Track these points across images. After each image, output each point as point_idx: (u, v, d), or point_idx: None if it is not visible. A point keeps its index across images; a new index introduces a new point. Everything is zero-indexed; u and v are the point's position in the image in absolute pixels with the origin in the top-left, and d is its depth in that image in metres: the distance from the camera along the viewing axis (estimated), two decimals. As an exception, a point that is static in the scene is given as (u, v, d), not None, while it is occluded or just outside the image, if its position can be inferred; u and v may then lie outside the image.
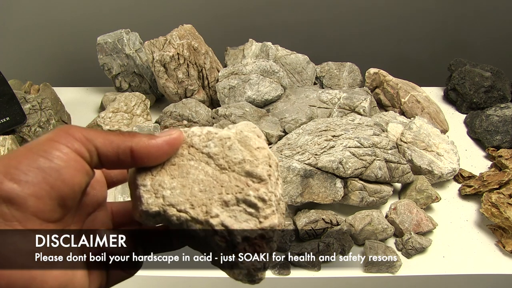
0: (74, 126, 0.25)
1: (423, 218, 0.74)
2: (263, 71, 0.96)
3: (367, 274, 0.69)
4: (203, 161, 0.28)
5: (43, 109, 0.84)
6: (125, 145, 0.26)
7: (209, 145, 0.28)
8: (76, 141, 0.24)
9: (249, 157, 0.28)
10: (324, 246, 0.69)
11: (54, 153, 0.23)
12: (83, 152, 0.24)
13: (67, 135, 0.24)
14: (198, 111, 0.92)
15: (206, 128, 0.29)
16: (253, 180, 0.27)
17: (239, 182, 0.27)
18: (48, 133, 0.24)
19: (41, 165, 0.23)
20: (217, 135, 0.28)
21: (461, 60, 1.13)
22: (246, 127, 0.29)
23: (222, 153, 0.28)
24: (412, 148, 0.85)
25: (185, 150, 0.28)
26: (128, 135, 0.26)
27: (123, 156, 0.26)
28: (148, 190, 0.27)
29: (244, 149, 0.28)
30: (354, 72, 1.09)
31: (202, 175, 0.27)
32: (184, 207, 0.26)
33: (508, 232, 0.73)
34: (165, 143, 0.27)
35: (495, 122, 0.96)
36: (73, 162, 0.24)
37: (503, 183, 0.80)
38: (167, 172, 0.27)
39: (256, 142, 0.28)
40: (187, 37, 0.96)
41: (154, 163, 0.27)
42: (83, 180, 0.25)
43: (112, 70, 1.04)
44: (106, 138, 0.25)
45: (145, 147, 0.26)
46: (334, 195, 0.74)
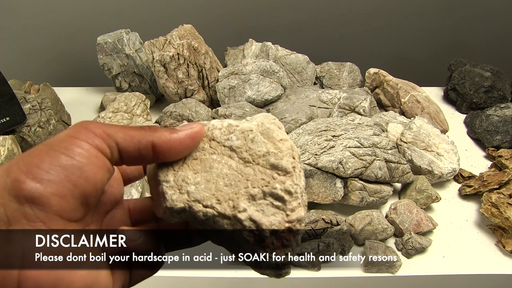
0: (93, 121, 0.25)
1: (423, 218, 0.74)
2: (263, 71, 0.96)
3: (367, 274, 0.69)
4: (225, 154, 0.27)
5: (43, 109, 0.84)
6: (146, 140, 0.25)
7: (231, 138, 0.28)
8: (96, 137, 0.24)
9: (273, 150, 0.27)
10: (324, 246, 0.69)
11: (76, 150, 0.23)
12: (104, 148, 0.24)
13: (87, 131, 0.24)
14: (198, 111, 0.92)
15: (226, 121, 0.28)
16: (279, 173, 0.27)
17: (264, 175, 0.27)
18: (68, 129, 0.24)
19: (63, 163, 0.22)
20: (238, 128, 0.28)
21: (461, 60, 1.13)
22: (266, 119, 0.29)
23: (245, 146, 0.27)
24: (412, 148, 0.85)
25: (206, 143, 0.28)
26: (149, 130, 0.25)
27: (145, 151, 0.25)
28: (172, 186, 0.26)
29: (268, 141, 0.28)
30: (354, 72, 1.09)
31: (226, 169, 0.27)
32: (211, 203, 0.26)
33: (508, 232, 0.73)
34: (187, 137, 0.26)
35: (495, 122, 0.96)
36: (94, 159, 0.23)
37: (503, 183, 0.80)
38: (189, 167, 0.27)
39: (278, 134, 0.28)
40: (187, 37, 0.96)
41: (176, 158, 0.27)
42: (105, 177, 0.24)
43: (112, 70, 1.04)
44: (126, 134, 0.25)
45: (167, 141, 0.25)
46: (334, 195, 0.74)
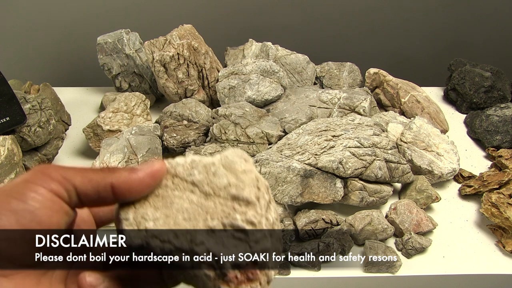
0: (51, 165, 0.24)
1: (423, 218, 0.74)
2: (263, 71, 0.96)
3: (367, 274, 0.69)
4: (187, 190, 0.27)
5: (43, 109, 0.84)
6: (105, 181, 0.25)
7: (193, 173, 0.27)
8: (53, 181, 0.23)
9: (234, 181, 0.26)
10: (324, 246, 0.69)
11: (29, 194, 0.23)
12: (61, 192, 0.24)
13: (43, 175, 0.23)
14: (198, 111, 0.92)
15: (190, 157, 0.28)
16: (240, 204, 0.26)
17: (225, 206, 0.26)
18: (25, 174, 0.24)
19: (14, 207, 0.22)
20: (201, 163, 0.27)
21: (461, 60, 1.13)
22: (233, 153, 0.28)
23: (207, 179, 0.27)
24: (412, 148, 0.85)
25: (169, 180, 0.27)
26: (107, 171, 0.25)
27: (104, 193, 0.25)
28: (131, 223, 0.26)
29: (229, 173, 0.27)
30: (354, 72, 1.09)
31: (186, 203, 0.26)
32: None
33: (508, 232, 0.73)
34: (147, 176, 0.26)
35: (495, 122, 0.96)
36: (49, 203, 0.23)
37: (503, 183, 0.80)
38: (150, 203, 0.26)
39: (241, 165, 0.27)
40: (187, 37, 0.96)
41: (137, 197, 0.26)
42: (61, 221, 0.24)
43: (112, 70, 1.04)
44: (85, 176, 0.24)
45: (126, 181, 0.25)
46: (334, 195, 0.74)
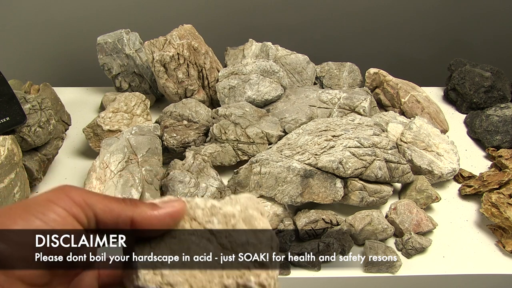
0: (75, 188, 0.24)
1: (423, 218, 0.74)
2: (263, 71, 0.96)
3: (367, 274, 0.69)
4: (205, 237, 0.27)
5: (43, 109, 0.84)
6: (126, 214, 0.25)
7: (213, 221, 0.27)
8: (75, 205, 0.23)
9: (252, 240, 0.27)
10: (324, 246, 0.69)
11: (51, 216, 0.23)
12: (81, 218, 0.24)
13: (67, 197, 0.23)
14: (198, 111, 0.92)
15: (210, 201, 0.28)
16: (255, 265, 0.27)
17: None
18: (48, 192, 0.24)
19: (34, 227, 0.22)
20: (221, 211, 0.28)
21: (461, 60, 1.13)
22: (250, 203, 0.29)
23: (226, 232, 0.27)
24: (412, 148, 0.85)
25: (187, 222, 0.27)
26: (130, 204, 0.25)
27: (123, 226, 0.25)
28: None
29: (248, 230, 0.27)
30: (354, 72, 1.09)
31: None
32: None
33: (508, 232, 0.73)
34: (167, 215, 0.26)
35: (495, 122, 0.96)
36: (69, 227, 0.23)
37: (503, 183, 0.80)
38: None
39: (260, 223, 0.28)
40: (187, 37, 0.96)
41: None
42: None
43: (112, 70, 1.04)
44: (106, 206, 0.24)
45: (147, 218, 0.25)
46: (334, 195, 0.74)
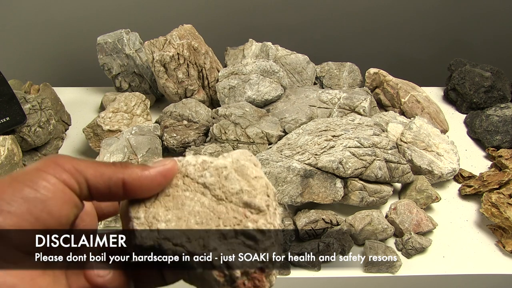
0: (63, 155, 0.24)
1: (423, 218, 0.74)
2: (263, 71, 0.96)
3: (367, 274, 0.69)
4: (198, 191, 0.27)
5: (43, 109, 0.84)
6: (116, 177, 0.25)
7: (205, 175, 0.27)
8: (65, 172, 0.23)
9: (246, 187, 0.27)
10: (324, 246, 0.69)
11: (41, 183, 0.22)
12: (72, 184, 0.24)
13: (55, 165, 0.23)
14: (198, 111, 0.92)
15: (201, 157, 0.28)
16: (252, 211, 0.27)
17: (237, 213, 0.27)
18: (36, 162, 0.24)
19: (26, 195, 0.22)
20: (212, 164, 0.28)
21: (461, 60, 1.13)
22: (242, 156, 0.29)
23: (219, 183, 0.27)
24: (412, 148, 0.85)
25: (180, 180, 0.27)
26: (120, 166, 0.25)
27: (115, 189, 0.25)
28: (142, 223, 0.26)
29: (242, 178, 0.27)
30: (354, 72, 1.09)
31: (198, 206, 0.27)
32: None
33: (508, 232, 0.73)
34: (158, 174, 0.26)
35: (495, 122, 0.96)
36: (60, 193, 0.23)
37: (503, 183, 0.80)
38: (161, 203, 0.27)
39: (253, 171, 0.28)
40: (187, 37, 0.96)
41: (147, 195, 0.26)
42: (71, 213, 0.24)
43: (112, 70, 1.04)
44: (97, 170, 0.24)
45: (138, 178, 0.25)
46: (334, 195, 0.74)
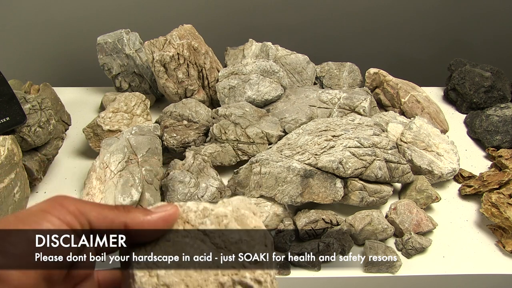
0: (68, 197, 0.25)
1: (423, 218, 0.74)
2: (263, 71, 0.96)
3: (367, 274, 0.69)
4: (198, 238, 0.27)
5: (43, 109, 0.84)
6: (119, 221, 0.25)
7: (205, 222, 0.28)
8: (69, 214, 0.24)
9: (245, 237, 0.28)
10: (324, 246, 0.69)
11: (45, 225, 0.23)
12: (75, 226, 0.24)
13: (60, 207, 0.24)
14: (198, 111, 0.92)
15: (202, 204, 0.29)
16: (250, 262, 0.27)
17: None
18: (41, 202, 0.24)
19: (30, 238, 0.22)
20: (213, 212, 0.28)
21: (461, 60, 1.13)
22: (242, 204, 0.29)
23: (219, 231, 0.28)
24: (412, 148, 0.85)
25: (181, 225, 0.28)
26: (123, 210, 0.26)
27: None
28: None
29: (241, 228, 0.28)
30: (354, 72, 1.09)
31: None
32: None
33: (508, 232, 0.73)
34: (160, 220, 0.26)
35: (495, 122, 0.96)
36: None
37: (503, 183, 0.80)
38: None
39: (252, 221, 0.28)
40: (187, 37, 0.96)
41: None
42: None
43: (112, 70, 1.04)
44: (100, 213, 0.25)
45: (140, 223, 0.26)
46: (334, 195, 0.74)
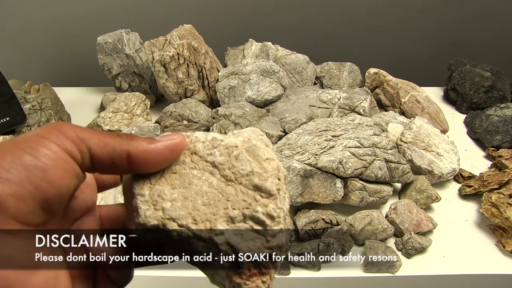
0: (67, 123, 0.23)
1: (423, 218, 0.74)
2: (263, 71, 0.96)
3: (367, 274, 0.69)
4: (207, 170, 0.25)
5: (43, 109, 0.84)
6: (121, 148, 0.23)
7: (214, 153, 0.26)
8: (67, 140, 0.22)
9: (257, 169, 0.25)
10: (324, 246, 0.69)
11: (42, 150, 0.21)
12: (74, 153, 0.22)
13: (58, 132, 0.22)
14: (198, 111, 0.92)
15: (211, 134, 0.26)
16: (262, 195, 0.25)
17: (246, 196, 0.25)
18: (39, 128, 0.22)
19: (26, 163, 0.20)
20: (223, 143, 0.26)
21: (461, 60, 1.13)
22: (253, 135, 0.27)
23: (229, 163, 0.26)
24: (412, 148, 0.85)
25: (188, 157, 0.26)
26: (125, 138, 0.24)
27: (119, 161, 0.23)
28: (147, 200, 0.24)
29: (253, 159, 0.26)
30: (354, 72, 1.09)
31: (206, 186, 0.25)
32: (186, 222, 0.24)
33: (508, 232, 0.73)
34: (165, 149, 0.24)
35: (495, 122, 0.96)
36: (62, 163, 0.21)
37: (503, 183, 0.80)
38: (167, 181, 0.25)
39: (265, 152, 0.26)
40: (187, 37, 0.96)
41: (152, 170, 0.25)
42: (71, 183, 0.22)
43: (112, 70, 1.04)
44: (101, 140, 0.23)
45: (143, 151, 0.24)
46: (334, 195, 0.74)
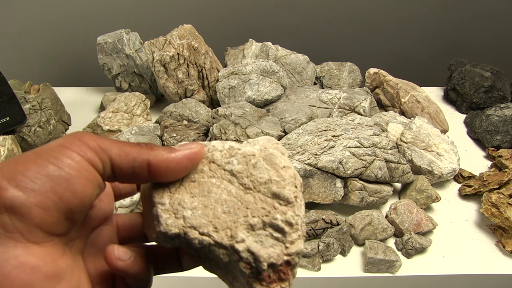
0: (88, 133, 0.23)
1: (423, 218, 0.74)
2: (263, 71, 0.96)
3: (367, 274, 0.69)
4: (225, 179, 0.26)
5: (43, 109, 0.84)
6: (142, 158, 0.24)
7: (232, 162, 0.26)
8: (89, 150, 0.22)
9: (275, 177, 0.26)
10: (324, 246, 0.69)
11: (65, 160, 0.21)
12: (96, 162, 0.23)
13: (80, 142, 0.22)
14: (198, 111, 0.92)
15: (228, 143, 0.27)
16: (280, 202, 0.26)
17: (265, 204, 0.25)
18: (60, 138, 0.23)
19: (50, 173, 0.21)
20: (240, 151, 0.27)
21: (461, 60, 1.13)
22: (269, 143, 0.28)
23: (247, 171, 0.26)
24: (412, 148, 0.85)
25: (206, 166, 0.26)
26: (145, 147, 0.24)
27: (139, 170, 0.24)
28: (167, 209, 0.25)
29: (270, 168, 0.26)
30: (354, 72, 1.09)
31: (225, 194, 0.25)
32: (207, 230, 0.24)
33: (508, 232, 0.73)
34: (185, 158, 0.25)
35: (495, 122, 0.96)
36: (84, 172, 0.22)
37: (503, 183, 0.80)
38: (186, 189, 0.25)
39: (282, 160, 0.27)
40: (187, 37, 0.96)
41: (172, 179, 0.25)
42: (93, 193, 0.23)
43: (112, 70, 1.04)
44: (121, 149, 0.23)
45: (164, 161, 0.24)
46: (334, 195, 0.74)
